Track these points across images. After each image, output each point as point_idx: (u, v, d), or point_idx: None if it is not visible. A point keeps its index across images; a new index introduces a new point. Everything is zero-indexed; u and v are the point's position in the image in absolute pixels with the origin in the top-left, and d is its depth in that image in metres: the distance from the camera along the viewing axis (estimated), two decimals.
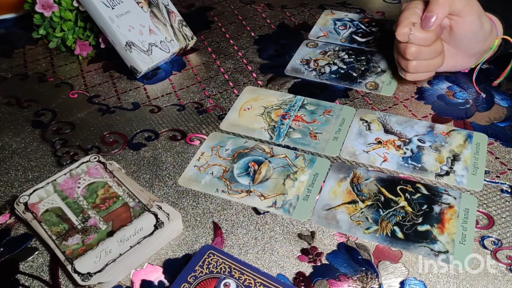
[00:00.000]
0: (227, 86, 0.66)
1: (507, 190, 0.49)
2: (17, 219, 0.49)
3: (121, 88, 0.67)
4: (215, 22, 0.81)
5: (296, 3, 0.84)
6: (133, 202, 0.47)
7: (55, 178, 0.50)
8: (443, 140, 0.54)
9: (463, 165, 0.51)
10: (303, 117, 0.59)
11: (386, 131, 0.56)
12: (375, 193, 0.49)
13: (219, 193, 0.51)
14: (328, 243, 0.45)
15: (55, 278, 0.44)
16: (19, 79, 0.70)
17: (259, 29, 0.78)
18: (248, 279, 0.39)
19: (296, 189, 0.50)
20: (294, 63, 0.68)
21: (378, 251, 0.44)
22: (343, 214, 0.47)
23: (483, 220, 0.46)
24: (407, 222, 0.46)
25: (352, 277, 0.42)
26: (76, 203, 0.48)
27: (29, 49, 0.77)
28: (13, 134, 0.60)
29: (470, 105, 0.59)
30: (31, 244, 0.47)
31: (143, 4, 0.69)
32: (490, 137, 0.55)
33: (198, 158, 0.55)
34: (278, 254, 0.45)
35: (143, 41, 0.67)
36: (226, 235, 0.47)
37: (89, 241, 0.44)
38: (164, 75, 0.69)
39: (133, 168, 0.54)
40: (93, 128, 0.60)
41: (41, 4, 0.67)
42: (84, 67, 0.72)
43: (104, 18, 0.65)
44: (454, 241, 0.44)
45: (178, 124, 0.60)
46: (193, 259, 0.41)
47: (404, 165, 0.52)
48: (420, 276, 0.42)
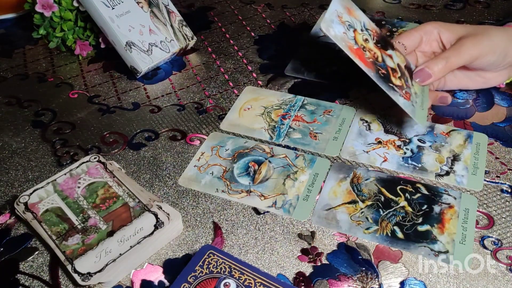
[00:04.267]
0: (227, 86, 0.66)
1: (507, 190, 0.49)
2: (17, 219, 0.49)
3: (121, 88, 0.67)
4: (215, 22, 0.81)
5: (296, 3, 0.84)
6: (133, 202, 0.47)
7: (55, 178, 0.50)
8: (443, 140, 0.54)
9: (463, 165, 0.51)
10: (303, 117, 0.59)
11: (386, 131, 0.56)
12: (375, 193, 0.49)
13: (219, 193, 0.51)
14: (328, 243, 0.45)
15: (55, 278, 0.44)
16: (19, 79, 0.70)
17: (259, 29, 0.78)
18: (248, 279, 0.39)
19: (296, 189, 0.50)
20: (294, 63, 0.68)
21: (378, 251, 0.44)
22: (343, 214, 0.47)
23: (483, 220, 0.46)
24: (407, 222, 0.46)
25: (352, 277, 0.42)
26: (76, 203, 0.48)
27: (29, 49, 0.77)
28: (13, 134, 0.60)
29: (470, 105, 0.59)
30: (31, 244, 0.47)
31: (143, 4, 0.69)
32: (490, 137, 0.55)
33: (198, 158, 0.55)
34: (278, 254, 0.45)
35: (143, 41, 0.67)
36: (226, 235, 0.47)
37: (89, 241, 0.44)
38: (164, 75, 0.69)
39: (133, 168, 0.54)
40: (93, 128, 0.60)
41: (41, 4, 0.67)
42: (84, 67, 0.72)
43: (104, 18, 0.65)
44: (454, 241, 0.44)
45: (178, 124, 0.60)
46: (193, 259, 0.41)
47: (404, 165, 0.52)
48: (420, 276, 0.42)
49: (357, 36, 0.51)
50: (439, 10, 0.79)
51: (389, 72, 0.51)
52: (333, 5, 0.51)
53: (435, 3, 0.81)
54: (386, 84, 0.50)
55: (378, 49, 0.52)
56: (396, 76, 0.51)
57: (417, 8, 0.80)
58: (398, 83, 0.51)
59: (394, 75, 0.51)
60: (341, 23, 0.50)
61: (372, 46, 0.52)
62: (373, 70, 0.50)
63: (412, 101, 0.51)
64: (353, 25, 0.52)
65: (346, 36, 0.50)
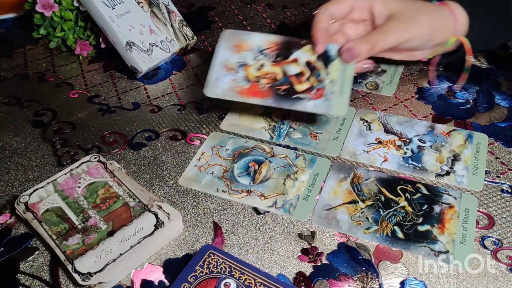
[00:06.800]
0: None
1: (507, 190, 0.49)
2: (18, 219, 0.49)
3: (121, 88, 0.67)
4: (215, 22, 0.81)
5: (297, 3, 0.84)
6: (133, 202, 0.47)
7: (56, 178, 0.50)
8: (443, 140, 0.54)
9: (464, 165, 0.51)
10: (303, 117, 0.59)
11: (387, 131, 0.56)
12: (376, 193, 0.49)
13: (220, 193, 0.51)
14: (329, 243, 0.45)
15: (56, 278, 0.44)
16: (20, 79, 0.70)
17: (259, 29, 0.78)
18: (249, 279, 0.39)
19: (297, 189, 0.50)
20: None
21: (379, 251, 0.44)
22: (344, 214, 0.47)
23: (484, 220, 0.46)
24: (407, 222, 0.46)
25: (352, 277, 0.42)
26: (77, 202, 0.48)
27: (29, 49, 0.77)
28: (13, 134, 0.60)
29: (471, 105, 0.59)
30: (32, 244, 0.47)
31: (143, 4, 0.69)
32: (491, 137, 0.55)
33: (198, 158, 0.55)
34: (278, 254, 0.45)
35: (144, 41, 0.67)
36: (226, 235, 0.47)
37: (90, 241, 0.44)
38: (164, 75, 0.69)
39: (134, 168, 0.54)
40: (93, 128, 0.60)
41: (41, 4, 0.67)
42: (85, 67, 0.72)
43: (104, 18, 0.65)
44: (454, 241, 0.44)
45: (179, 124, 0.60)
46: (194, 259, 0.41)
47: (405, 165, 0.52)
48: (420, 276, 0.42)
49: (249, 71, 0.52)
50: None
51: (292, 82, 0.51)
52: (217, 59, 0.53)
53: None
54: (289, 100, 0.50)
55: (277, 65, 0.52)
56: (302, 80, 0.51)
57: None
58: (305, 87, 0.51)
59: (300, 80, 0.51)
60: (227, 70, 0.52)
61: (269, 68, 0.52)
62: (271, 95, 0.50)
63: (326, 94, 0.50)
64: (244, 61, 0.53)
65: (234, 82, 0.51)
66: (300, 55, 0.53)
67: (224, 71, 0.52)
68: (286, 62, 0.52)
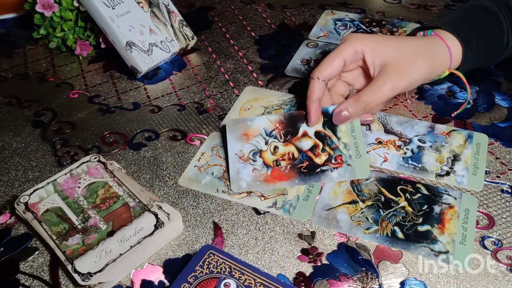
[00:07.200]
0: (228, 86, 0.66)
1: (507, 190, 0.49)
2: (18, 219, 0.49)
3: (121, 88, 0.67)
4: (215, 22, 0.81)
5: (297, 3, 0.84)
6: (133, 202, 0.47)
7: (56, 178, 0.50)
8: (443, 140, 0.54)
9: (464, 165, 0.51)
10: None
11: (387, 131, 0.56)
12: (376, 193, 0.49)
13: (220, 193, 0.51)
14: (329, 243, 0.45)
15: (56, 278, 0.44)
16: (20, 79, 0.70)
17: (259, 29, 0.78)
18: (248, 279, 0.39)
19: (297, 189, 0.50)
20: (295, 63, 0.68)
21: (379, 251, 0.44)
22: (344, 214, 0.47)
23: (484, 220, 0.46)
24: (407, 222, 0.46)
25: (352, 277, 0.42)
26: (77, 203, 0.48)
27: (29, 49, 0.77)
28: (13, 134, 0.60)
29: (471, 105, 0.59)
30: (32, 244, 0.47)
31: (143, 4, 0.69)
32: (491, 137, 0.55)
33: (198, 158, 0.55)
34: (278, 254, 0.45)
35: (144, 41, 0.67)
36: (226, 235, 0.47)
37: (90, 241, 0.44)
38: (164, 75, 0.69)
39: (134, 168, 0.54)
40: (93, 128, 0.60)
41: (41, 4, 0.67)
42: (85, 67, 0.72)
43: (104, 18, 0.65)
44: (454, 241, 0.44)
45: (179, 124, 0.60)
46: (193, 259, 0.41)
47: (405, 165, 0.52)
48: (420, 276, 0.42)
49: (265, 156, 0.51)
50: (439, 10, 0.79)
51: (311, 157, 0.51)
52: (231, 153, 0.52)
53: (436, 3, 0.81)
54: (314, 176, 0.50)
55: (289, 144, 0.52)
56: (318, 152, 0.51)
57: (417, 8, 0.80)
58: (324, 158, 0.51)
59: (317, 152, 0.51)
60: (244, 161, 0.51)
61: (283, 149, 0.52)
62: (295, 176, 0.50)
63: (346, 160, 0.51)
64: (257, 148, 0.52)
65: (256, 172, 0.51)
66: (307, 128, 0.53)
67: (241, 163, 0.51)
68: (297, 138, 0.52)
